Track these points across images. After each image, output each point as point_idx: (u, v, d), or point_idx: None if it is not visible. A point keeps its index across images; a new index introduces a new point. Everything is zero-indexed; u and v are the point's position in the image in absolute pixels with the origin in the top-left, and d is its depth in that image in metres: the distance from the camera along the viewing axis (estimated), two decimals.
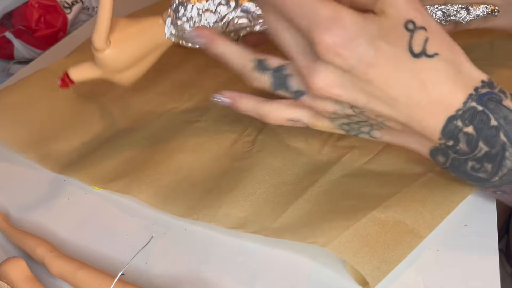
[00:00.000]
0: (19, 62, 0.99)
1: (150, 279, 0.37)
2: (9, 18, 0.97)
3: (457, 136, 0.33)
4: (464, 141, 0.33)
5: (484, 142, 0.32)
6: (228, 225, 0.39)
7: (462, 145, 0.33)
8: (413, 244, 0.35)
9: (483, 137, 0.32)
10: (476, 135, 0.32)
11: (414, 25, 0.32)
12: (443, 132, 0.33)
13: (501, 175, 0.33)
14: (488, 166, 0.33)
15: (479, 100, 0.32)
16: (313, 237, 0.36)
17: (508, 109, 0.32)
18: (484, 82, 0.33)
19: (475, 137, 0.32)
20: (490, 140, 0.32)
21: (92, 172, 0.47)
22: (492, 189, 0.35)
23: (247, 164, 0.44)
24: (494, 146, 0.32)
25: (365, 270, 0.33)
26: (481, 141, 0.32)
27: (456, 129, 0.33)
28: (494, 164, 0.33)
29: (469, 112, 0.32)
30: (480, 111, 0.32)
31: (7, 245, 0.41)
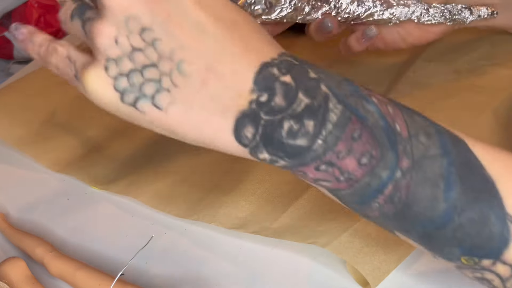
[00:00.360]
0: (18, 62, 0.99)
1: (150, 279, 0.37)
2: (9, 18, 0.97)
3: (273, 85, 0.26)
4: (281, 93, 0.26)
5: (304, 93, 0.26)
6: (228, 226, 0.39)
7: (278, 99, 0.26)
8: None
9: (302, 88, 0.26)
10: (295, 85, 0.26)
11: None
12: (256, 80, 0.26)
13: (325, 134, 0.26)
14: (309, 123, 0.26)
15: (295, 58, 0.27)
16: (313, 237, 0.35)
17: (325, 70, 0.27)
18: None
19: (293, 88, 0.26)
20: (310, 91, 0.26)
21: (92, 172, 0.47)
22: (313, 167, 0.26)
23: (247, 164, 0.44)
24: (315, 97, 0.26)
25: (366, 270, 0.33)
26: (300, 92, 0.26)
27: (271, 77, 0.26)
28: (316, 121, 0.26)
29: (285, 63, 0.26)
30: (297, 65, 0.26)
31: (7, 245, 0.41)
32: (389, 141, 0.26)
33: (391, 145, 0.26)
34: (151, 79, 0.26)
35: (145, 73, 0.26)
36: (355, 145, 0.26)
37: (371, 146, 0.26)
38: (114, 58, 0.26)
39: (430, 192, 0.25)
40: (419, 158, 0.26)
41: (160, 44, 0.25)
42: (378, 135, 0.26)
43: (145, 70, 0.26)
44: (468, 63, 0.54)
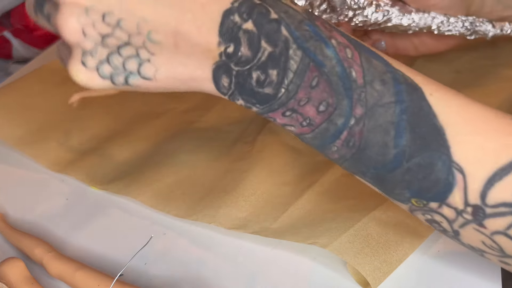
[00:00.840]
0: (17, 62, 0.99)
1: (149, 279, 0.37)
2: (8, 17, 0.97)
3: (237, 35, 0.27)
4: (245, 42, 0.27)
5: (266, 39, 0.27)
6: (228, 226, 0.39)
7: (244, 49, 0.27)
8: (415, 245, 0.35)
9: (264, 34, 0.27)
10: (257, 32, 0.27)
11: None
12: (221, 32, 0.27)
13: (287, 83, 0.27)
14: (273, 73, 0.27)
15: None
16: (313, 237, 0.35)
17: (288, 5, 0.28)
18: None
19: (256, 35, 0.27)
20: (272, 36, 0.27)
21: (91, 172, 0.46)
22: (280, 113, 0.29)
23: (247, 164, 0.44)
24: (276, 45, 0.27)
25: (366, 270, 0.33)
26: (263, 39, 0.27)
27: (234, 26, 0.27)
28: (279, 69, 0.27)
29: (246, 4, 0.27)
30: (258, 4, 0.27)
31: (6, 246, 0.41)
32: (344, 88, 0.27)
33: (346, 93, 0.27)
34: (130, 56, 0.28)
35: (123, 52, 0.27)
36: (313, 93, 0.27)
37: (327, 94, 0.27)
38: (88, 50, 0.27)
39: (381, 139, 0.27)
40: (372, 105, 0.27)
41: (125, 23, 0.27)
42: (334, 83, 0.27)
43: (121, 50, 0.27)
44: (469, 63, 0.54)
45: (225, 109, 0.53)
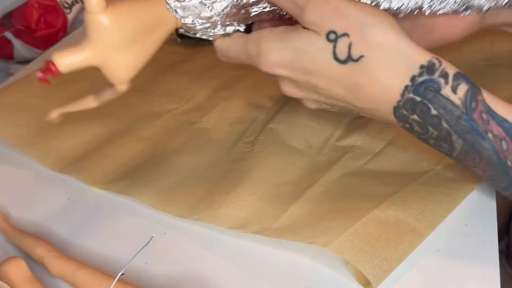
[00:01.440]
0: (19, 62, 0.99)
1: (150, 279, 0.37)
2: (9, 18, 0.97)
3: (408, 121, 0.34)
4: (416, 125, 0.34)
5: (431, 127, 0.34)
6: (229, 226, 0.39)
7: (416, 128, 0.35)
8: (414, 243, 0.35)
9: (429, 124, 0.34)
10: (423, 122, 0.34)
11: (335, 35, 0.33)
12: (396, 118, 0.35)
13: (455, 155, 0.35)
14: (444, 145, 0.34)
15: (416, 91, 0.33)
16: (313, 237, 0.35)
17: (446, 98, 0.32)
18: (423, 67, 0.33)
19: (422, 123, 0.34)
20: (435, 126, 0.33)
21: (92, 172, 0.47)
22: (458, 162, 0.36)
23: (247, 164, 0.44)
24: (441, 131, 0.33)
25: (367, 269, 0.33)
26: (429, 126, 0.34)
27: (404, 116, 0.34)
28: (447, 144, 0.34)
29: (409, 102, 0.33)
30: (419, 102, 0.33)
31: (7, 245, 0.41)
32: (502, 170, 0.33)
33: (505, 173, 0.33)
34: None
35: None
36: (478, 165, 0.34)
37: (488, 169, 0.34)
38: None
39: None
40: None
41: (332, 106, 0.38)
42: (492, 165, 0.33)
43: None
44: (468, 63, 0.54)
45: (226, 109, 0.53)
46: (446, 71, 0.33)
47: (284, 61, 0.35)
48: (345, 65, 0.34)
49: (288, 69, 0.35)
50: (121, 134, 0.51)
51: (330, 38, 0.33)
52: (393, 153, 0.43)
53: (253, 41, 0.36)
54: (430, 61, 0.33)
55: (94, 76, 0.62)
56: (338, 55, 0.34)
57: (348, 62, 0.34)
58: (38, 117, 0.53)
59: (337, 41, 0.33)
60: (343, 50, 0.33)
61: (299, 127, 0.48)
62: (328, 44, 0.34)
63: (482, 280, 0.34)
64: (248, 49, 0.37)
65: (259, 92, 0.55)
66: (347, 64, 0.34)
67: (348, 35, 0.33)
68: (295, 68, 0.35)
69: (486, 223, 0.37)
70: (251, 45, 0.36)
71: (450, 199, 0.38)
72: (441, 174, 0.40)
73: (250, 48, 0.37)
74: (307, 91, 0.37)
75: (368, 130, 0.46)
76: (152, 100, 0.56)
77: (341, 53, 0.34)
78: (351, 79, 0.34)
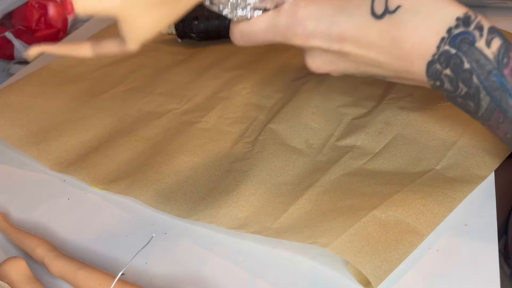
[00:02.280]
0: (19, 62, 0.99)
1: (150, 279, 0.37)
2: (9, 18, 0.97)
3: (440, 77, 0.35)
4: (447, 82, 0.35)
5: (462, 83, 0.34)
6: (229, 226, 0.39)
7: (447, 85, 0.35)
8: (414, 243, 0.35)
9: (460, 79, 0.34)
10: (455, 77, 0.34)
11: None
12: (428, 75, 0.35)
13: (481, 113, 0.35)
14: (471, 103, 0.35)
15: (451, 42, 0.33)
16: (313, 237, 0.36)
17: (480, 51, 0.33)
18: (459, 19, 0.33)
19: (454, 78, 0.34)
20: (466, 82, 0.34)
21: (92, 172, 0.47)
22: (481, 123, 0.37)
23: (247, 164, 0.44)
24: (470, 87, 0.34)
25: (367, 269, 0.33)
26: (460, 82, 0.34)
27: (437, 72, 0.34)
28: (474, 103, 0.35)
29: (444, 55, 0.34)
30: (454, 54, 0.33)
31: (7, 245, 0.41)
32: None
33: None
34: None
35: None
36: (500, 126, 0.35)
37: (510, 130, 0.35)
38: None
39: None
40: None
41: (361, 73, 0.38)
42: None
43: None
44: None
45: (226, 109, 0.53)
46: (482, 24, 0.33)
47: (322, 27, 0.35)
48: (381, 20, 0.34)
49: (324, 36, 0.35)
50: (121, 134, 0.51)
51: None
52: (393, 153, 0.43)
53: (286, 12, 0.35)
54: (466, 13, 0.33)
55: (94, 76, 0.63)
56: (375, 9, 0.34)
57: (384, 15, 0.34)
58: (38, 117, 0.53)
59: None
60: (380, 3, 0.33)
61: (299, 127, 0.48)
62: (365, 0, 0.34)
63: (482, 280, 0.34)
64: (280, 22, 0.36)
65: (259, 92, 0.55)
66: (384, 18, 0.34)
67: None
68: (331, 34, 0.35)
69: (486, 223, 0.37)
70: (284, 17, 0.36)
71: (450, 199, 0.38)
72: (441, 174, 0.41)
73: (282, 21, 0.36)
74: (337, 62, 0.37)
75: (368, 130, 0.46)
76: (152, 100, 0.56)
77: (378, 7, 0.33)
78: (388, 35, 0.34)
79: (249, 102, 0.54)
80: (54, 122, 0.53)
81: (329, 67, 0.37)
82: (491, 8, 0.68)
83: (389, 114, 0.47)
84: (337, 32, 0.35)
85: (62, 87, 0.58)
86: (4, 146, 0.51)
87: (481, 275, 0.34)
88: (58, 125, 0.53)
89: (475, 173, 0.40)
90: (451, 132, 0.44)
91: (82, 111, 0.55)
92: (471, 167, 0.41)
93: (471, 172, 0.40)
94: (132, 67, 0.62)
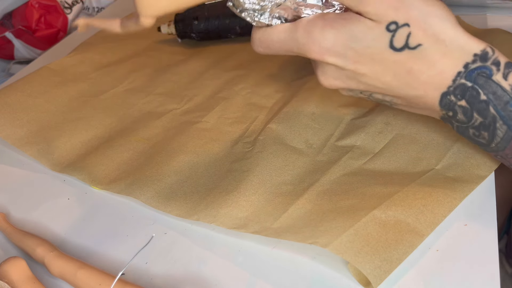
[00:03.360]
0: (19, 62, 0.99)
1: (150, 279, 0.37)
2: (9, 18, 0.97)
3: (453, 108, 0.35)
4: (460, 112, 0.35)
5: (477, 113, 0.35)
6: (229, 226, 0.39)
7: (460, 116, 0.36)
8: (414, 243, 0.35)
9: (475, 109, 0.35)
10: (470, 108, 0.35)
11: (396, 25, 0.34)
12: (441, 105, 0.36)
13: (496, 142, 0.36)
14: (485, 134, 0.36)
15: (468, 76, 0.34)
16: (313, 237, 0.35)
17: (497, 84, 0.34)
18: (477, 55, 0.34)
19: (469, 109, 0.35)
20: (482, 112, 0.35)
21: (93, 172, 0.47)
22: (494, 154, 0.37)
23: (247, 164, 0.44)
24: (486, 118, 0.35)
25: (367, 269, 0.33)
26: (474, 112, 0.35)
27: (451, 102, 0.35)
28: (489, 133, 0.35)
29: (459, 88, 0.34)
30: (470, 87, 0.34)
31: (8, 245, 0.41)
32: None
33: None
34: None
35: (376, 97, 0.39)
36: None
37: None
38: None
39: None
40: None
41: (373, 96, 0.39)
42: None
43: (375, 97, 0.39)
44: None
45: (226, 110, 0.53)
46: (498, 60, 0.34)
47: (337, 48, 0.35)
48: (400, 53, 0.35)
49: (340, 56, 0.36)
50: (121, 134, 0.51)
51: (390, 28, 0.34)
52: (393, 153, 0.43)
53: (303, 28, 0.36)
54: (484, 49, 0.34)
55: (94, 76, 0.63)
56: (394, 43, 0.34)
57: (404, 49, 0.34)
58: (38, 117, 0.53)
59: (396, 31, 0.34)
60: (400, 39, 0.34)
61: (299, 127, 0.48)
62: (386, 33, 0.34)
63: (482, 280, 0.34)
64: (297, 37, 0.36)
65: (259, 92, 0.55)
66: (403, 52, 0.34)
67: (409, 25, 0.34)
68: (347, 55, 0.35)
69: (486, 223, 0.37)
70: (301, 32, 0.36)
71: (450, 199, 0.38)
72: (441, 174, 0.41)
73: (300, 36, 0.36)
74: (349, 81, 0.37)
75: (368, 130, 0.46)
76: (152, 100, 0.56)
77: (398, 42, 0.34)
78: (405, 66, 0.35)
79: (249, 102, 0.54)
80: (54, 122, 0.53)
81: (341, 84, 0.38)
82: (492, 8, 0.68)
83: (389, 114, 0.47)
84: (353, 56, 0.35)
85: (63, 87, 0.58)
86: (4, 146, 0.52)
87: (482, 275, 0.34)
88: (58, 125, 0.53)
89: (475, 173, 0.40)
90: (451, 132, 0.44)
91: (82, 111, 0.55)
92: (471, 167, 0.41)
93: (471, 172, 0.40)
94: (133, 67, 0.62)
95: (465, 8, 0.69)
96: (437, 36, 0.34)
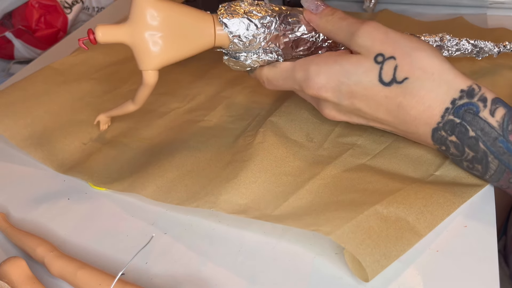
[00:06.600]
0: (19, 62, 0.99)
1: (150, 279, 0.37)
2: (9, 18, 0.97)
3: (445, 143, 0.37)
4: (453, 147, 0.37)
5: (468, 148, 0.36)
6: (229, 211, 0.39)
7: (453, 150, 0.37)
8: (412, 242, 0.35)
9: (466, 145, 0.36)
10: (460, 143, 0.36)
11: (383, 57, 0.36)
12: (434, 140, 0.37)
13: (490, 174, 0.37)
14: (478, 166, 0.37)
15: (456, 113, 0.35)
16: (316, 225, 0.35)
17: (484, 120, 0.35)
18: (463, 91, 0.35)
19: (460, 144, 0.36)
20: (472, 147, 0.36)
21: (96, 172, 0.47)
22: (490, 183, 0.39)
23: (248, 154, 0.44)
24: (477, 152, 0.36)
25: (367, 261, 0.33)
26: (466, 147, 0.36)
27: (442, 137, 0.37)
28: (482, 166, 0.37)
29: (448, 124, 0.36)
30: (458, 123, 0.35)
31: (7, 245, 0.41)
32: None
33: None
34: None
35: None
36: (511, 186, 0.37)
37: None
38: None
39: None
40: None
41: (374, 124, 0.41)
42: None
43: None
44: (469, 64, 0.54)
45: (228, 108, 0.53)
46: (485, 96, 0.35)
47: (331, 84, 0.38)
48: (389, 87, 0.36)
49: (335, 92, 0.38)
50: (124, 134, 0.51)
51: (377, 60, 0.36)
52: (394, 155, 0.43)
53: (300, 66, 0.39)
54: (470, 86, 0.35)
55: (97, 76, 0.63)
56: (383, 77, 0.36)
57: (392, 84, 0.36)
58: (42, 117, 0.53)
59: (384, 63, 0.36)
60: (388, 72, 0.36)
61: (300, 121, 0.48)
62: (375, 66, 0.36)
63: (481, 281, 0.34)
64: (295, 75, 0.39)
65: (261, 91, 0.55)
66: (391, 86, 0.36)
67: (395, 58, 0.35)
68: (341, 91, 0.37)
69: (485, 224, 0.37)
70: (299, 71, 0.39)
71: (450, 203, 0.38)
72: (442, 178, 0.41)
73: (297, 74, 0.39)
74: (350, 114, 0.40)
75: (370, 131, 0.46)
76: (155, 99, 0.56)
77: (386, 75, 0.36)
78: (394, 101, 0.36)
79: (251, 100, 0.54)
80: (58, 123, 0.53)
81: (343, 118, 0.40)
82: (492, 8, 0.68)
83: None
84: (347, 91, 0.37)
85: (66, 87, 0.58)
86: (4, 145, 0.51)
87: (481, 276, 0.34)
88: (62, 126, 0.52)
89: (474, 181, 0.40)
90: None
91: (85, 112, 0.55)
92: (471, 174, 0.41)
93: (471, 179, 0.41)
94: (135, 67, 0.62)
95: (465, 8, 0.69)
96: (424, 70, 0.35)
